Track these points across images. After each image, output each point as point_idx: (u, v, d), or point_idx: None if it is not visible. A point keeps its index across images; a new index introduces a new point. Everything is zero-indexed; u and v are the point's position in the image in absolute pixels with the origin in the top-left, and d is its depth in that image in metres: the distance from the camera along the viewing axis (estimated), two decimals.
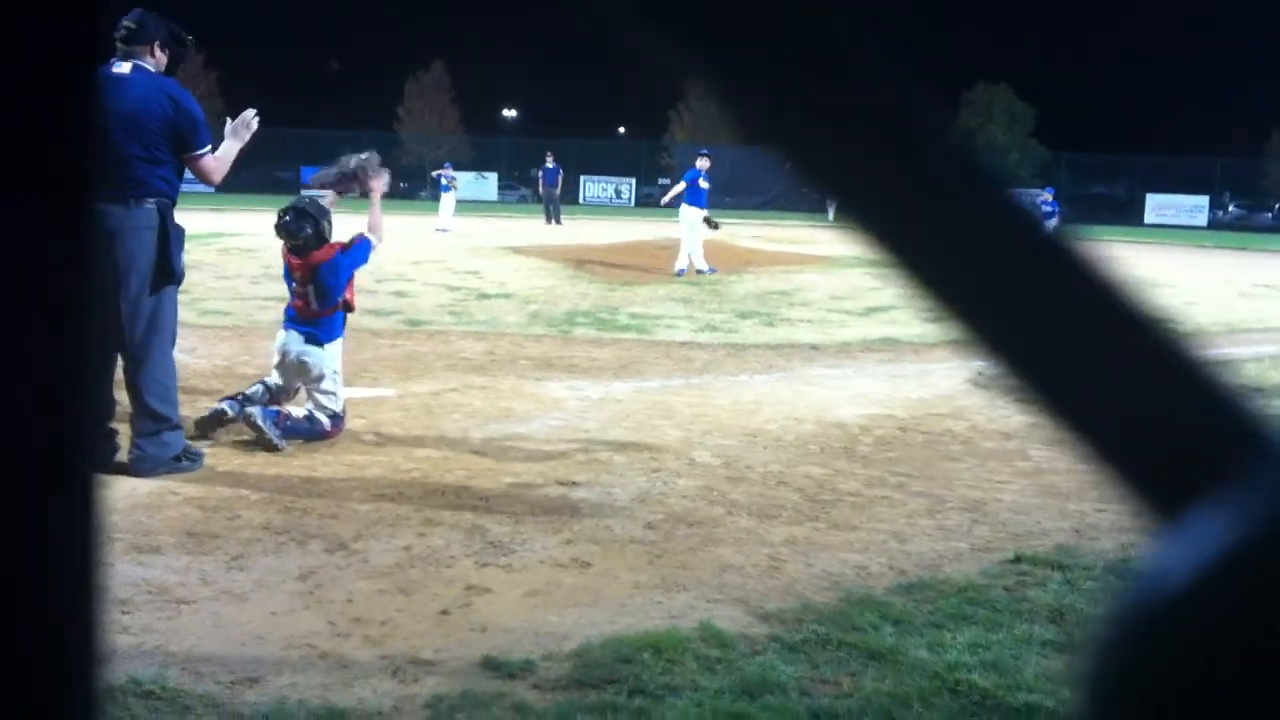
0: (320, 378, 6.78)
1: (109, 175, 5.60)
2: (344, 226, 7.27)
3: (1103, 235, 34.25)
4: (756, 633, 4.07)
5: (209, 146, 6.14)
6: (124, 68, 5.93)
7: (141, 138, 5.83)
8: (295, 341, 6.83)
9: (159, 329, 5.96)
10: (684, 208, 19.16)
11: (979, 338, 0.40)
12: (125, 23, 6.05)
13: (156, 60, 6.10)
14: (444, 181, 31.59)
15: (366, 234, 7.09)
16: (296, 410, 6.72)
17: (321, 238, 6.91)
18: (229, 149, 6.37)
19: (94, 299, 0.43)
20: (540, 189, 38.07)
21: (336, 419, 6.76)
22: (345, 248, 6.98)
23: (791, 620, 4.18)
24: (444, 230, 28.90)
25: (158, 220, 5.91)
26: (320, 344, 6.85)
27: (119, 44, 6.02)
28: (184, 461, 5.97)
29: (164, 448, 5.86)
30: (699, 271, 19.05)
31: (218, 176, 6.29)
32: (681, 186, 19.52)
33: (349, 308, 7.09)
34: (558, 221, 34.96)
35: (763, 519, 5.49)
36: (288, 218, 6.89)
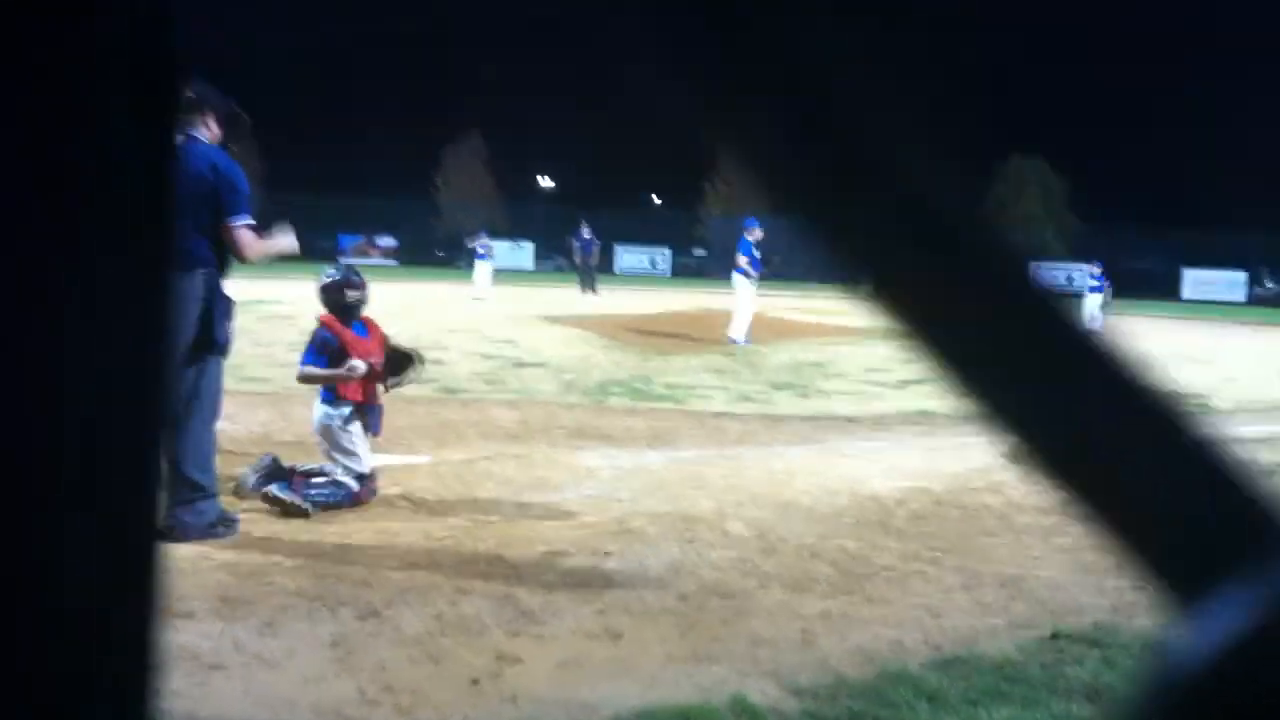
0: (329, 439, 6.90)
1: None
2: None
3: (1140, 310, 34.07)
4: (789, 707, 4.03)
5: (248, 219, 6.14)
6: (178, 138, 6.02)
7: (188, 206, 5.87)
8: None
9: (200, 398, 5.98)
10: (738, 277, 19.81)
11: (996, 415, 0.40)
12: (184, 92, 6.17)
13: (211, 133, 6.17)
14: (479, 250, 31.78)
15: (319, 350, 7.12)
16: (319, 478, 6.74)
17: (329, 306, 7.18)
18: (275, 241, 6.46)
19: (172, 369, 0.45)
20: (576, 257, 38.07)
21: (363, 479, 6.79)
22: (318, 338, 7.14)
23: (825, 695, 4.13)
24: (480, 299, 29.09)
25: (203, 290, 5.95)
26: (322, 401, 7.03)
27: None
28: (219, 528, 5.99)
29: (200, 515, 5.89)
30: (731, 340, 19.25)
31: (250, 252, 6.18)
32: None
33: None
34: (594, 291, 35.06)
35: (796, 591, 5.45)
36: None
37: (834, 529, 6.71)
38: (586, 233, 36.59)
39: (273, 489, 6.49)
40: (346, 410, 6.94)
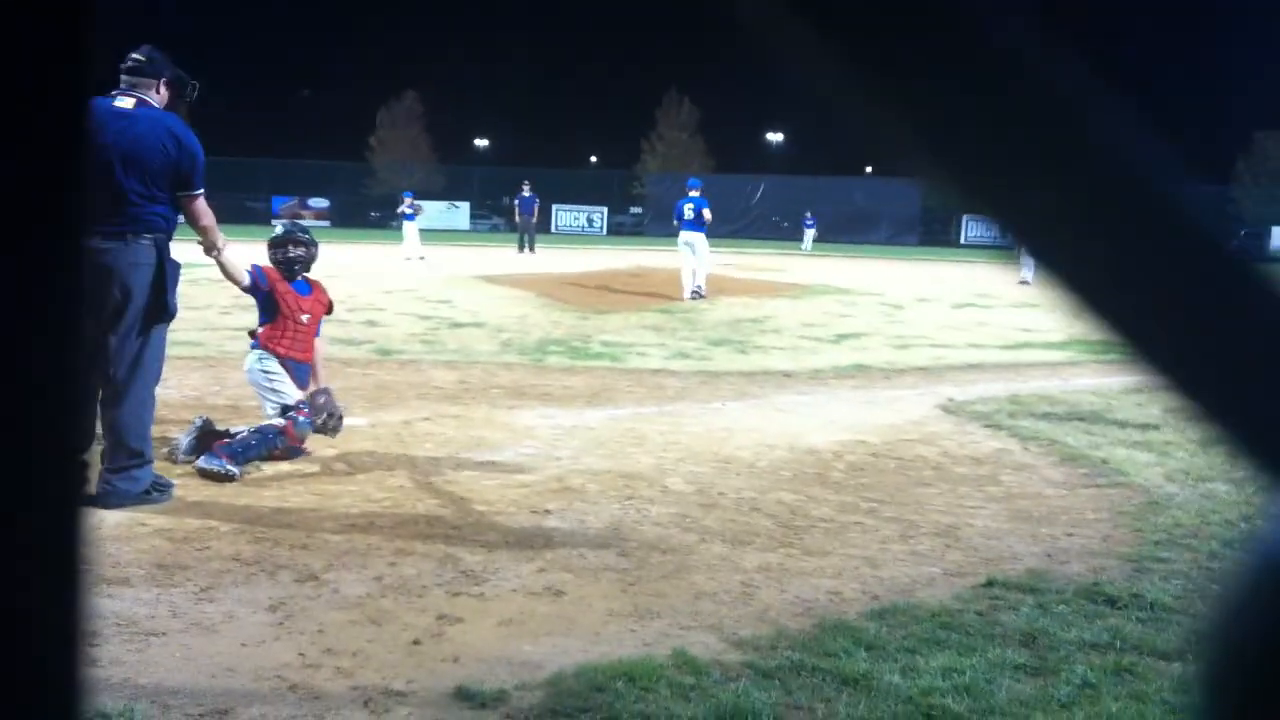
0: (256, 383, 7.15)
1: (109, 210, 5.59)
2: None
3: None
4: (730, 660, 4.06)
5: (203, 188, 6.09)
6: (127, 102, 5.93)
7: (143, 174, 5.81)
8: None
9: (144, 365, 5.92)
10: (699, 235, 20.41)
11: (1149, 354, 0.40)
12: (135, 56, 6.07)
13: (160, 97, 6.11)
14: (408, 211, 31.55)
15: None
16: (239, 432, 6.74)
17: (272, 260, 7.40)
18: (217, 231, 6.43)
19: (86, 332, 0.43)
20: (516, 217, 37.92)
21: (287, 410, 6.84)
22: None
23: (765, 647, 4.17)
24: (410, 259, 29.04)
25: (155, 257, 5.89)
26: (250, 349, 7.23)
27: (124, 76, 6.01)
28: (153, 494, 5.92)
29: (134, 483, 5.82)
30: (696, 294, 19.94)
31: (206, 221, 6.22)
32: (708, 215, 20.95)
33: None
34: (531, 250, 34.95)
35: (736, 545, 5.49)
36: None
37: (772, 483, 6.75)
38: (527, 191, 36.50)
39: (198, 462, 6.44)
40: (271, 360, 7.05)
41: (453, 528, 5.61)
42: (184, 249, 6.23)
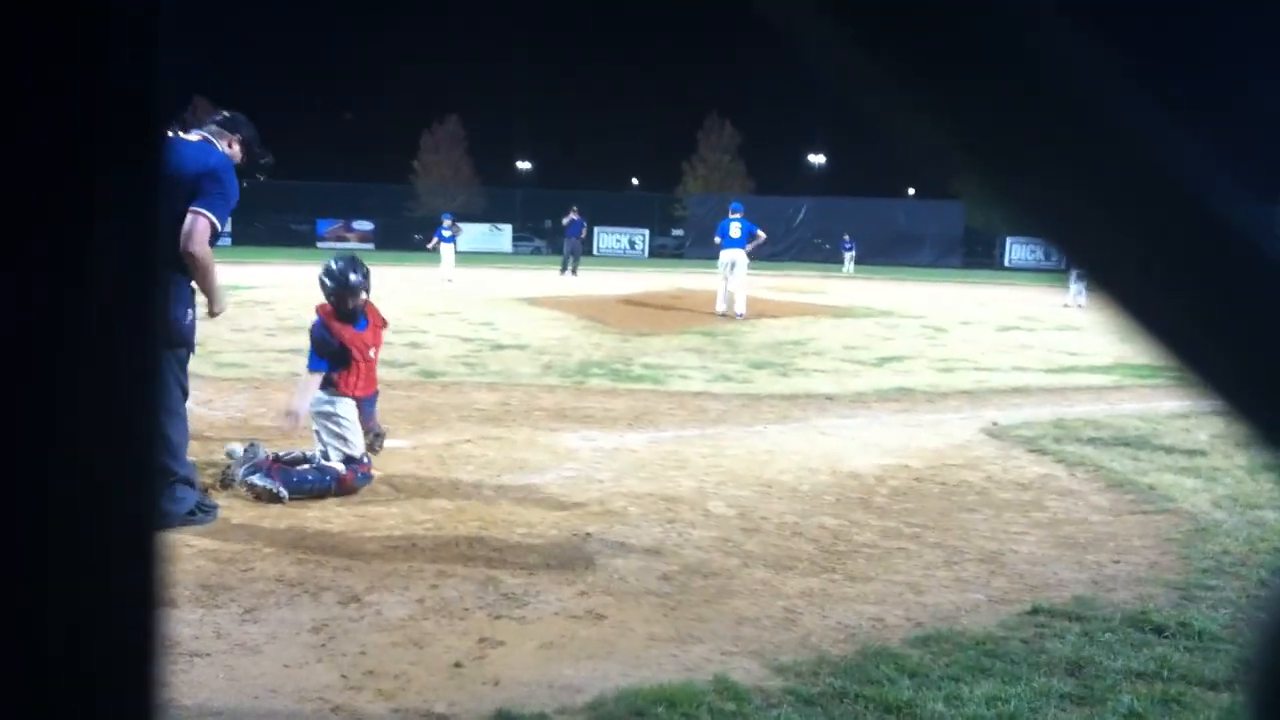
0: (323, 423, 6.87)
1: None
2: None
3: None
4: (772, 686, 4.04)
5: (213, 215, 5.85)
6: (193, 136, 6.08)
7: (179, 197, 5.76)
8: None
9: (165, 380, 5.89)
10: (742, 254, 21.10)
11: (1210, 376, 0.40)
12: (224, 112, 6.31)
13: (230, 150, 6.22)
14: (445, 233, 31.90)
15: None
16: (303, 465, 6.70)
17: (330, 296, 7.02)
18: (217, 283, 6.15)
19: (161, 356, 0.44)
20: (565, 241, 38.06)
21: (351, 462, 6.75)
22: (317, 337, 7.01)
23: (807, 673, 4.15)
24: (449, 280, 29.49)
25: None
26: (320, 388, 6.93)
27: (210, 123, 6.22)
28: (197, 514, 5.95)
29: (178, 503, 5.83)
30: (737, 315, 20.49)
31: (197, 244, 5.78)
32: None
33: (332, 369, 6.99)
34: (574, 273, 35.05)
35: (778, 570, 5.46)
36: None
37: (815, 507, 6.72)
38: (575, 214, 36.62)
39: (253, 477, 6.45)
40: (346, 403, 6.92)
41: (494, 550, 5.62)
42: (234, 270, 6.26)
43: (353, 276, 6.99)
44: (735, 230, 21.12)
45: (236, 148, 6.27)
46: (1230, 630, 4.66)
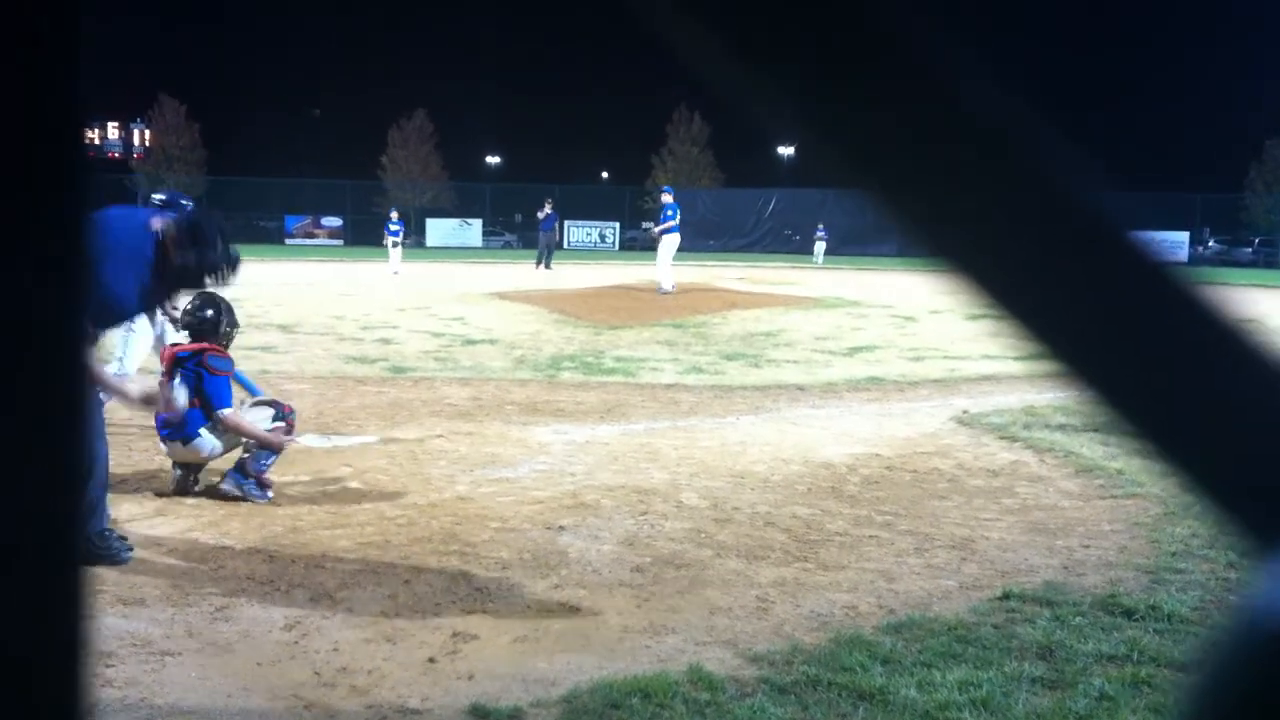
0: (231, 440, 6.55)
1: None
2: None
3: None
4: (746, 675, 4.05)
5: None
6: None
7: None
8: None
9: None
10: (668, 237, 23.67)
11: (1077, 369, 0.40)
12: (184, 201, 6.24)
13: (170, 237, 5.19)
14: (391, 229, 32.96)
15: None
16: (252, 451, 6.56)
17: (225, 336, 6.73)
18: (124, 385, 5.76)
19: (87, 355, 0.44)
20: (539, 235, 38.34)
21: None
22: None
23: (781, 662, 4.16)
24: (398, 274, 30.86)
25: None
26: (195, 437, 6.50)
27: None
28: (95, 544, 5.16)
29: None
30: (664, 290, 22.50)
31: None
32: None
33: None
34: (547, 266, 35.06)
35: (751, 560, 5.47)
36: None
37: (787, 497, 6.74)
38: (549, 209, 36.76)
39: (247, 488, 6.36)
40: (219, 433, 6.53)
41: (467, 545, 5.61)
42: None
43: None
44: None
45: (177, 233, 5.21)
46: (1199, 613, 4.70)
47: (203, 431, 6.42)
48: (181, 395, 6.36)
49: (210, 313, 6.63)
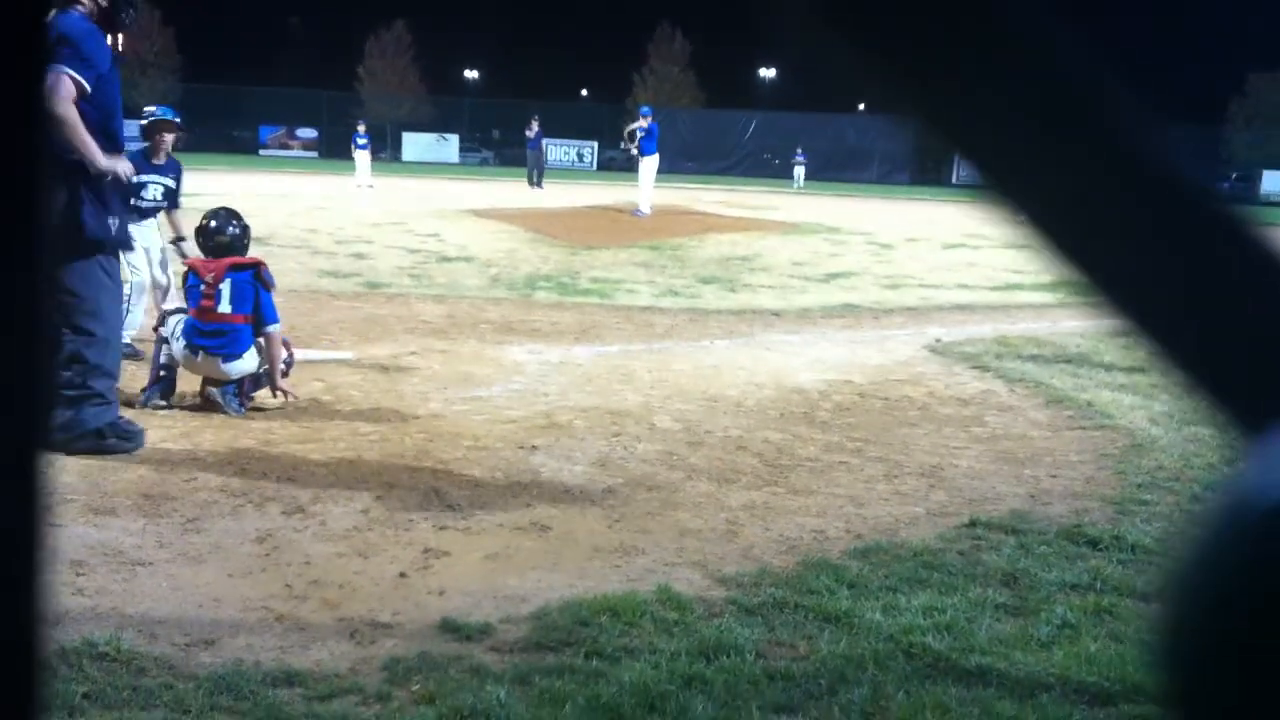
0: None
1: None
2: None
3: None
4: (714, 596, 4.09)
5: (69, 71, 5.22)
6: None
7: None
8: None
9: (91, 297, 5.47)
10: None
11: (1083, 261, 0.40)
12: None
13: (89, 8, 5.46)
14: (358, 140, 32.45)
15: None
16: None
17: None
18: (88, 141, 5.39)
19: (45, 262, 0.42)
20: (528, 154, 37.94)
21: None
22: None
23: (749, 584, 4.20)
24: (363, 186, 30.41)
25: (64, 178, 5.26)
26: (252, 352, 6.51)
27: None
28: (109, 440, 5.50)
29: (83, 420, 5.40)
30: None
31: (60, 104, 5.16)
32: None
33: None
34: (539, 185, 34.79)
35: (722, 484, 5.51)
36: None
37: (759, 422, 6.78)
38: (536, 126, 36.36)
39: (227, 399, 6.35)
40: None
41: (439, 462, 5.63)
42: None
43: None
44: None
45: (92, 4, 5.46)
46: (1163, 544, 4.77)
47: (249, 352, 6.45)
48: (228, 306, 6.40)
49: (234, 228, 6.68)
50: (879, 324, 11.14)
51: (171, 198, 8.27)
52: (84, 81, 5.32)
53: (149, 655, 3.43)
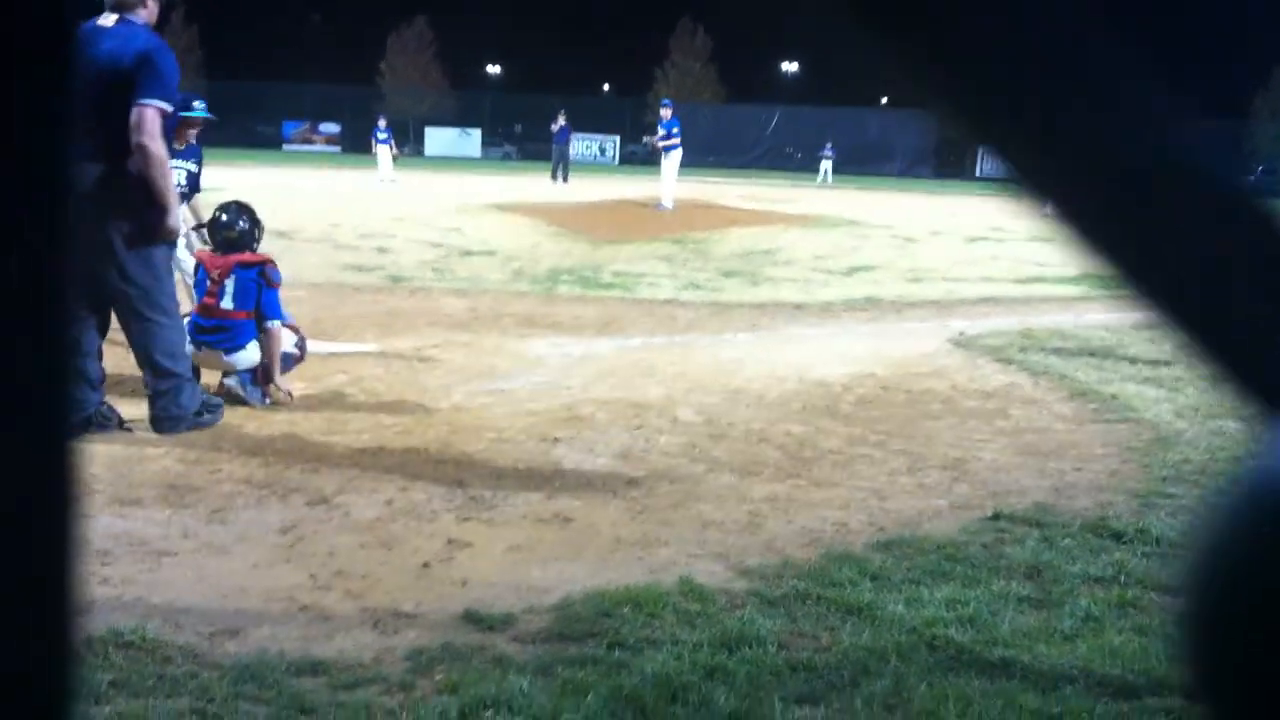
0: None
1: (87, 131, 5.19)
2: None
3: None
4: (736, 588, 4.09)
5: (161, 103, 5.58)
6: (109, 20, 5.60)
7: (119, 89, 5.45)
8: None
9: (153, 287, 5.76)
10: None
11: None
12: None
13: (148, 12, 5.78)
14: (379, 135, 32.66)
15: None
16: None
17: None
18: (170, 192, 5.78)
19: (69, 261, 0.43)
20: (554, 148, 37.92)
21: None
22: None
23: (771, 576, 4.20)
24: (386, 180, 30.60)
25: (124, 178, 5.52)
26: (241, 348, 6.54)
27: None
28: (205, 415, 5.97)
29: (182, 407, 5.84)
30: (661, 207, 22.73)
31: (146, 137, 5.52)
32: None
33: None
34: (565, 180, 34.78)
35: (744, 476, 5.51)
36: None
37: (782, 414, 6.77)
38: (562, 120, 36.32)
39: (249, 391, 6.43)
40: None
41: (462, 454, 5.64)
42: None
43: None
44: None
45: (153, 6, 5.78)
46: (1188, 537, 4.74)
47: (251, 344, 6.50)
48: (230, 303, 6.48)
49: (244, 223, 6.70)
50: (902, 317, 11.10)
51: (194, 182, 8.31)
52: (167, 106, 5.64)
53: (174, 644, 3.45)
